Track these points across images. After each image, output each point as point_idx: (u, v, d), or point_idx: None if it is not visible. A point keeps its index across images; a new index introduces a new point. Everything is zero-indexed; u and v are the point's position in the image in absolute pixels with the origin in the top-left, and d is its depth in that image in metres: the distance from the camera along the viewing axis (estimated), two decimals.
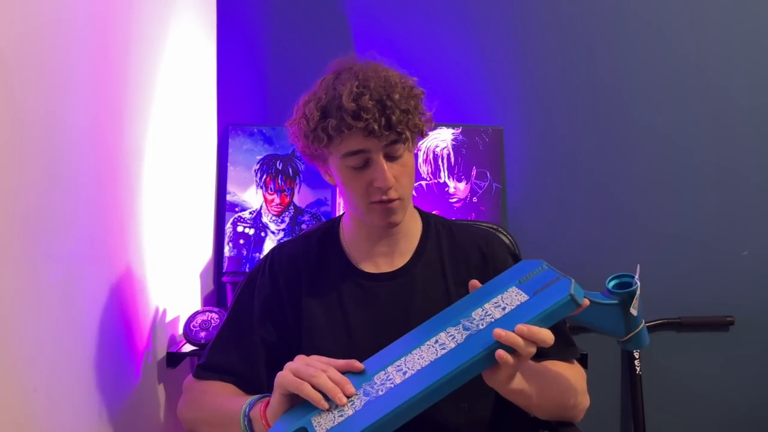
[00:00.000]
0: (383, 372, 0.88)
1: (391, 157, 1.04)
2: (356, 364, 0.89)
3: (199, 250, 1.82)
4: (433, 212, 1.35)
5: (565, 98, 2.01)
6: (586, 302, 0.92)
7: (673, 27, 2.00)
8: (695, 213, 1.99)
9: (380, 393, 0.84)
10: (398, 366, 0.88)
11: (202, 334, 1.56)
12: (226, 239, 1.91)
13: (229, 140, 1.94)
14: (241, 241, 1.91)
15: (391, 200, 1.04)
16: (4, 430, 0.85)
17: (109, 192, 1.21)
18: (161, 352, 1.51)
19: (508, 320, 0.88)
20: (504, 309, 0.90)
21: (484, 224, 1.39)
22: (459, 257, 1.14)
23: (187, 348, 1.58)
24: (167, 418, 1.54)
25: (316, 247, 1.17)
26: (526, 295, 0.91)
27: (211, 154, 1.93)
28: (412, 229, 1.15)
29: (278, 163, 1.94)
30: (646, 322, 1.93)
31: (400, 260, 1.14)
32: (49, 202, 0.98)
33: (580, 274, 1.90)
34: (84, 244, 1.10)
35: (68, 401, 1.03)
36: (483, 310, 0.92)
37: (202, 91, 1.86)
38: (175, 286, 1.60)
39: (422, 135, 1.09)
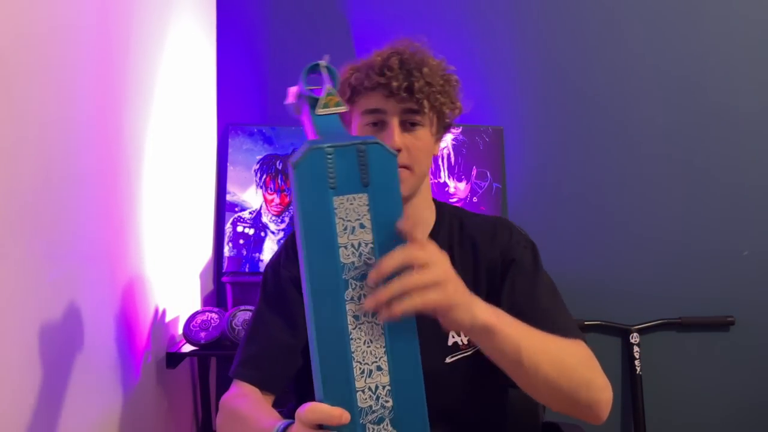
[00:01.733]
0: (360, 392, 0.71)
1: (407, 127, 1.05)
2: (344, 418, 0.72)
3: (199, 250, 1.82)
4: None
5: (565, 98, 2.01)
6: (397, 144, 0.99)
7: (674, 28, 2.00)
8: (696, 213, 1.99)
9: (389, 406, 0.72)
10: (363, 371, 0.71)
11: (202, 334, 1.56)
12: (226, 239, 1.90)
13: (229, 140, 1.94)
14: (241, 241, 1.91)
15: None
16: (5, 430, 0.85)
17: (109, 192, 1.21)
18: (161, 352, 1.51)
19: (380, 230, 0.72)
20: (363, 226, 0.72)
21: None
22: (466, 243, 1.12)
23: (187, 348, 1.58)
24: (167, 418, 1.54)
25: None
26: (361, 194, 0.72)
27: (211, 154, 1.93)
28: (427, 219, 1.14)
29: (278, 162, 1.94)
30: (645, 323, 1.96)
31: None
32: (49, 203, 0.98)
33: (580, 274, 1.94)
34: (84, 244, 1.10)
35: (68, 401, 1.03)
36: (347, 248, 0.71)
37: (202, 91, 1.86)
38: (175, 286, 1.60)
39: (445, 118, 1.10)
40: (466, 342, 1.06)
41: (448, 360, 1.05)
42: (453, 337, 1.06)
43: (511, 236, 1.12)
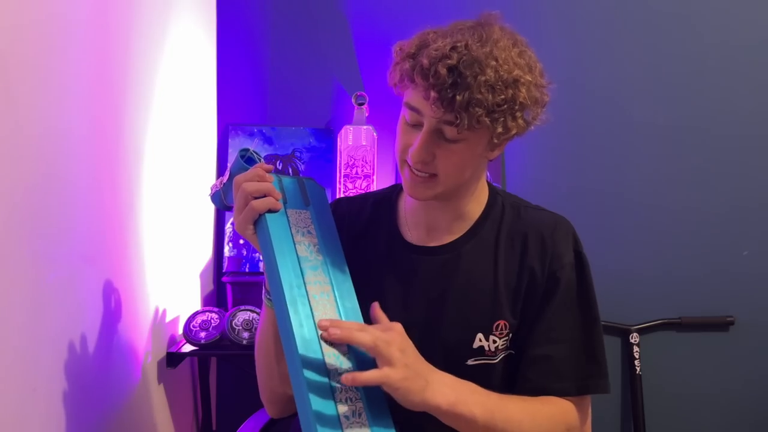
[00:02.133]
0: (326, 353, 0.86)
1: (441, 136, 0.93)
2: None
3: (199, 250, 1.82)
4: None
5: (565, 98, 2.00)
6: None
7: (674, 26, 2.00)
8: (695, 213, 1.99)
9: (347, 354, 0.86)
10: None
11: (202, 334, 1.56)
12: (226, 239, 1.91)
13: (229, 140, 1.94)
14: (241, 241, 1.91)
15: (420, 171, 0.96)
16: (4, 430, 0.85)
17: (109, 192, 1.21)
18: (161, 352, 1.52)
19: (321, 236, 0.95)
20: (309, 232, 0.95)
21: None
22: (516, 239, 1.04)
23: (187, 348, 1.58)
24: (167, 418, 1.54)
25: (370, 208, 1.11)
26: (305, 210, 0.97)
27: (211, 154, 1.93)
28: (471, 212, 1.06)
29: (278, 163, 1.94)
30: (645, 323, 1.95)
31: (449, 238, 1.05)
32: (49, 203, 0.98)
33: None
34: (84, 244, 1.10)
35: (68, 401, 1.03)
36: (301, 245, 0.93)
37: (202, 91, 1.86)
38: (175, 286, 1.60)
39: (493, 135, 0.94)
40: (493, 349, 1.00)
41: (469, 362, 0.99)
42: (480, 341, 0.99)
43: (566, 249, 1.04)
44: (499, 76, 0.89)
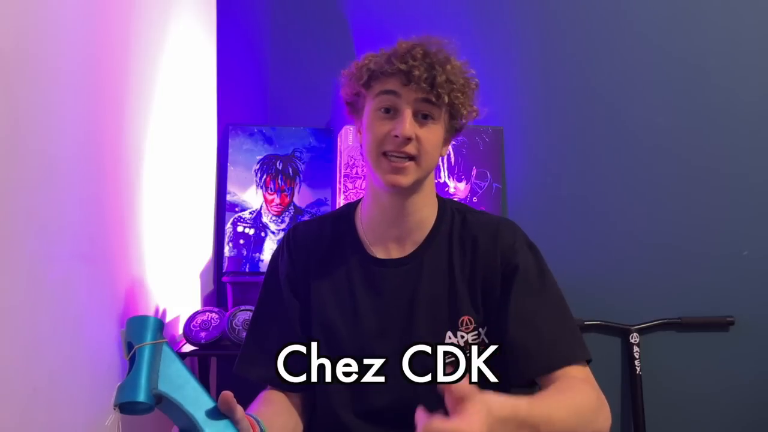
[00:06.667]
0: None
1: (419, 118, 1.05)
2: None
3: (199, 250, 1.82)
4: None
5: (565, 98, 2.01)
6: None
7: (673, 28, 2.00)
8: (696, 213, 1.99)
9: None
10: None
11: (202, 334, 1.56)
12: (226, 239, 1.91)
13: (229, 140, 1.94)
14: (241, 241, 1.91)
15: (403, 155, 1.04)
16: (5, 430, 0.85)
17: (109, 192, 1.21)
18: None
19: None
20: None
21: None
22: (467, 240, 1.13)
23: (187, 348, 1.58)
24: (167, 418, 1.54)
25: (330, 228, 1.18)
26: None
27: (211, 154, 1.93)
28: (427, 218, 1.14)
29: (278, 163, 1.94)
30: (645, 323, 1.95)
31: (411, 248, 1.14)
32: (49, 203, 0.98)
33: (580, 273, 1.94)
34: (84, 244, 1.10)
35: (68, 401, 1.03)
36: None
37: (202, 91, 1.86)
38: (175, 286, 1.60)
39: (460, 118, 1.10)
40: (462, 344, 1.08)
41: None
42: (450, 338, 1.08)
43: (515, 240, 1.12)
44: (457, 65, 1.07)
